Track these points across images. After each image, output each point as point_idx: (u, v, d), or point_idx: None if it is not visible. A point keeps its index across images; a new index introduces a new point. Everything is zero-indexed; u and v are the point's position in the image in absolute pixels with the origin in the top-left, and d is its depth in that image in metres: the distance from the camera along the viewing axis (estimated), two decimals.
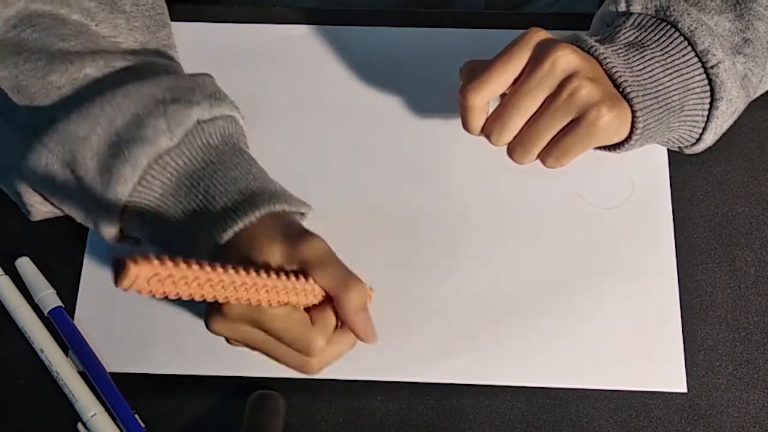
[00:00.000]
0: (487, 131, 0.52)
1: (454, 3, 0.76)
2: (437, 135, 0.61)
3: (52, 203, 0.53)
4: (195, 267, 0.39)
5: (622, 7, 0.54)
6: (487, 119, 0.52)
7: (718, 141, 0.57)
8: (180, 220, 0.49)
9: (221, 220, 0.48)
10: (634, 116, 0.50)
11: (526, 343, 0.56)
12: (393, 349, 0.56)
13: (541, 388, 0.55)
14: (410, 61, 0.64)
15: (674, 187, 0.60)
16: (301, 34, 0.65)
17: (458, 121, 0.53)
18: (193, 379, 0.56)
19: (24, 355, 0.56)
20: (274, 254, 0.46)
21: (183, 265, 0.39)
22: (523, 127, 0.51)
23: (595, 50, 0.51)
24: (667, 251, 0.58)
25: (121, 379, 0.55)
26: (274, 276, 0.44)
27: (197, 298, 0.40)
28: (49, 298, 0.57)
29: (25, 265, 0.58)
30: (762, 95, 0.59)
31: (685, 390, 0.55)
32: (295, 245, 0.46)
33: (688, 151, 0.57)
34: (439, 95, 0.62)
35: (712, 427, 0.54)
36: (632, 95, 0.50)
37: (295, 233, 0.47)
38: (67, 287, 0.58)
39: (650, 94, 0.51)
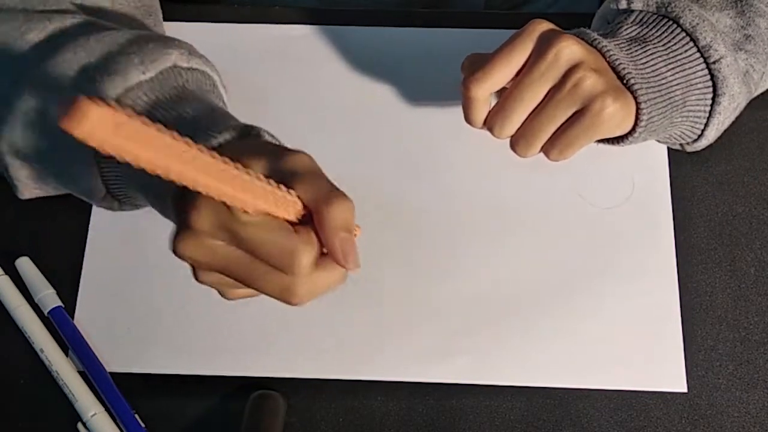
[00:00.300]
0: (489, 124, 0.51)
1: (454, 3, 0.76)
2: (437, 135, 0.61)
3: (38, 173, 0.51)
4: (169, 134, 0.33)
5: (623, 5, 0.54)
6: (489, 112, 0.51)
7: (718, 139, 0.57)
8: None
9: (198, 138, 0.43)
10: (638, 108, 0.50)
11: (526, 343, 0.56)
12: (393, 349, 0.56)
13: (541, 388, 0.55)
14: (410, 61, 0.64)
15: (674, 187, 0.60)
16: (301, 34, 0.65)
17: (459, 122, 0.53)
18: (193, 379, 0.56)
19: (24, 355, 0.56)
20: (256, 167, 0.40)
21: (156, 129, 0.32)
22: (526, 119, 0.50)
23: (599, 43, 0.50)
24: (667, 251, 0.58)
25: (121, 379, 0.55)
26: (252, 174, 0.37)
27: (165, 173, 0.33)
28: (49, 298, 0.57)
29: (25, 265, 0.58)
30: (763, 95, 0.59)
31: (685, 390, 0.55)
32: (278, 157, 0.41)
33: (689, 149, 0.57)
34: (438, 95, 0.62)
35: (712, 427, 0.54)
36: (636, 87, 0.49)
37: (278, 149, 0.42)
38: (67, 287, 0.58)
39: (654, 87, 0.50)
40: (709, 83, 0.52)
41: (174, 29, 0.63)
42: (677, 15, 0.52)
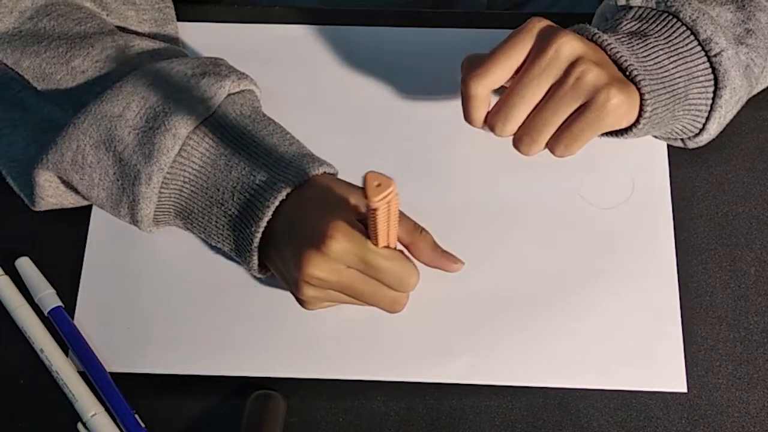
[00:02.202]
0: (491, 122, 0.51)
1: (456, 3, 0.76)
2: (437, 135, 0.61)
3: (76, 191, 0.54)
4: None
5: (622, 1, 0.54)
6: (490, 111, 0.51)
7: (718, 139, 0.57)
8: (222, 190, 0.51)
9: (273, 183, 0.49)
10: (642, 100, 0.49)
11: (526, 343, 0.56)
12: (393, 349, 0.56)
13: (541, 388, 0.55)
14: (411, 61, 0.64)
15: (674, 187, 0.60)
16: (301, 34, 0.65)
17: (459, 121, 0.53)
18: (193, 379, 0.56)
19: (24, 355, 0.56)
20: (354, 198, 0.49)
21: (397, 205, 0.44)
22: (528, 116, 0.50)
23: (599, 37, 0.50)
24: (667, 251, 0.58)
25: (121, 379, 0.55)
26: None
27: (388, 229, 0.45)
28: (49, 298, 0.57)
29: (25, 265, 0.58)
30: (763, 95, 0.59)
31: (685, 390, 0.55)
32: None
33: (691, 144, 0.57)
34: (439, 95, 0.62)
35: (712, 427, 0.54)
36: (639, 78, 0.49)
37: (354, 189, 0.50)
38: (67, 287, 0.58)
39: (657, 79, 0.50)
40: (711, 76, 0.52)
41: None
42: (677, 9, 0.52)
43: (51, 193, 0.54)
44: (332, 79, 0.63)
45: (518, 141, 0.51)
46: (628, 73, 0.50)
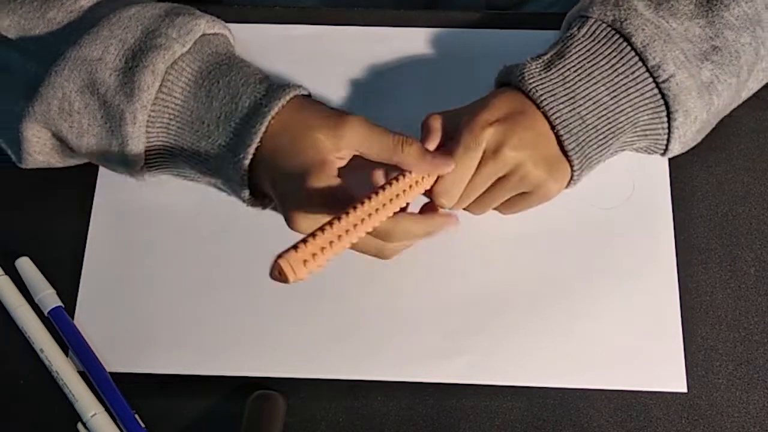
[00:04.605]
0: (439, 201, 0.53)
1: (455, 2, 0.76)
2: None
3: (62, 147, 0.54)
4: (333, 228, 0.42)
5: (582, 12, 0.55)
6: (437, 187, 0.52)
7: (718, 140, 0.57)
8: (207, 122, 0.51)
9: (253, 109, 0.50)
10: (572, 171, 0.53)
11: (526, 344, 0.56)
12: (393, 349, 0.56)
13: (541, 388, 0.55)
14: (410, 61, 0.64)
15: (674, 187, 0.60)
16: (301, 34, 0.65)
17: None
18: (193, 379, 0.56)
19: (24, 355, 0.56)
20: (320, 133, 0.49)
21: (324, 232, 0.42)
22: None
23: (547, 105, 0.52)
24: (667, 251, 0.58)
25: (121, 379, 0.55)
26: (380, 193, 0.47)
27: (345, 248, 0.44)
28: (49, 298, 0.57)
29: (25, 265, 0.58)
30: (762, 96, 0.59)
31: (685, 390, 0.55)
32: (336, 123, 0.50)
33: (663, 156, 0.58)
34: (438, 94, 0.62)
35: (712, 427, 0.54)
36: (572, 155, 0.52)
37: (332, 113, 0.51)
38: (67, 287, 0.58)
39: (591, 130, 0.52)
40: (661, 102, 0.53)
41: None
42: (630, 33, 0.52)
43: (38, 149, 0.54)
44: (331, 79, 0.63)
45: (467, 209, 0.55)
46: (560, 144, 0.52)
